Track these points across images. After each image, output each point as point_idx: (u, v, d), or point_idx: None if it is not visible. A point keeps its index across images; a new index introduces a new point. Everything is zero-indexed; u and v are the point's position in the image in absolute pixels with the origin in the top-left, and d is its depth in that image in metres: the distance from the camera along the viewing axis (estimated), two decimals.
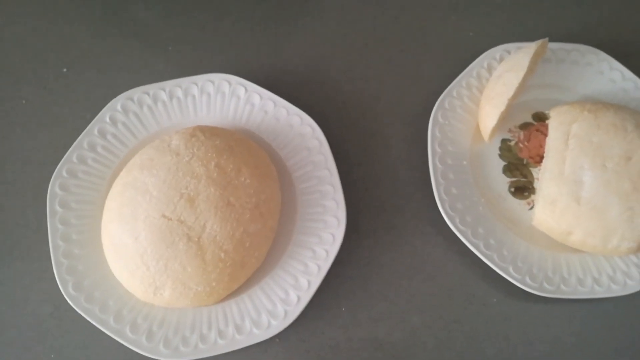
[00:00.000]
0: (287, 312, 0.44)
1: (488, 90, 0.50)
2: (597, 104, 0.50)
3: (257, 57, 0.56)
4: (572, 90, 0.54)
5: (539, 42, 0.50)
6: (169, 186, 0.41)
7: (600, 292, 0.46)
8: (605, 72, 0.54)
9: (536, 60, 0.52)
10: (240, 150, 0.44)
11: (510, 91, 0.48)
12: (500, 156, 0.51)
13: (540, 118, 0.53)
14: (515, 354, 0.46)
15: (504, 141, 0.52)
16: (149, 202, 0.41)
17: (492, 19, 0.58)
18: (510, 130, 0.52)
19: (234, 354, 0.43)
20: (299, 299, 0.44)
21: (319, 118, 0.52)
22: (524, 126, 0.52)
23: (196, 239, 0.40)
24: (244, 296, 0.45)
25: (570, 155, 0.46)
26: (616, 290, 0.46)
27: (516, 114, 0.53)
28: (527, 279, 0.46)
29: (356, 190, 0.51)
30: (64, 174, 0.48)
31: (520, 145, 0.52)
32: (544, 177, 0.47)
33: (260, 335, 0.43)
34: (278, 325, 0.43)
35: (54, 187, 0.47)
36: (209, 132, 0.45)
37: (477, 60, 0.53)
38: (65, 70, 0.55)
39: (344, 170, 0.50)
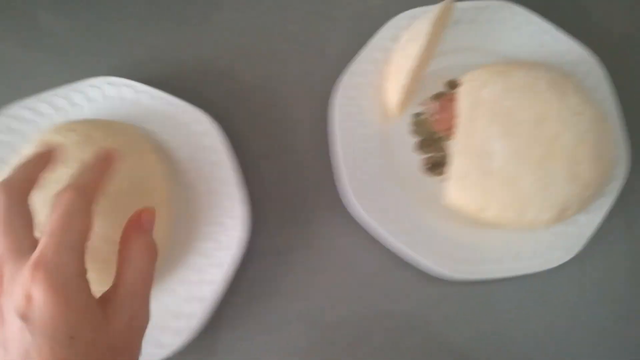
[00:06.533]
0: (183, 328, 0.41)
1: (390, 64, 0.46)
2: (510, 64, 0.46)
3: (152, 58, 0.52)
4: (489, 51, 0.49)
5: (442, 4, 0.46)
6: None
7: (524, 269, 0.43)
8: (521, 28, 0.49)
9: (444, 24, 0.48)
10: (99, 136, 0.42)
11: (411, 62, 0.44)
12: (413, 132, 0.47)
13: (455, 86, 0.49)
14: (439, 340, 0.43)
15: (415, 116, 0.48)
16: None
17: None
18: (423, 103, 0.48)
19: None
20: (198, 312, 0.41)
21: (222, 113, 0.48)
22: (438, 97, 0.49)
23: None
24: None
25: (479, 123, 0.43)
26: (539, 265, 0.43)
27: (429, 84, 0.49)
28: (446, 263, 0.43)
29: (263, 186, 0.47)
30: None
31: (433, 118, 0.48)
32: (453, 150, 0.43)
33: (159, 354, 0.40)
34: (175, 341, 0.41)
35: None
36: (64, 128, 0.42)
37: (380, 31, 0.48)
38: None
39: (250, 166, 0.47)
